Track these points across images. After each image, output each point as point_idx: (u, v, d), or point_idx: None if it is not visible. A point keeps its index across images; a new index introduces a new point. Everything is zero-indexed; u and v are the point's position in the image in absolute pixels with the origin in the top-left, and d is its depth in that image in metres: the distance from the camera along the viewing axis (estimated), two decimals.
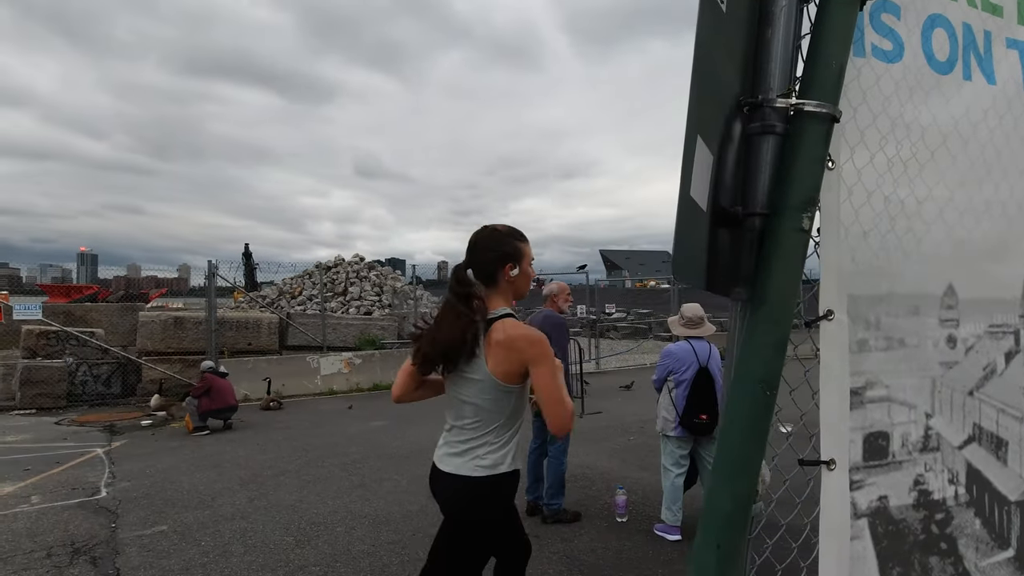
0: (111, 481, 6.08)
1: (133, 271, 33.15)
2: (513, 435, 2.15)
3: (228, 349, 12.40)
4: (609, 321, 31.39)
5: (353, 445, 7.48)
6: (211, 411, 8.42)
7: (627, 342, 24.20)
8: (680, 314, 4.35)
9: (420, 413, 9.66)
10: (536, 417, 4.82)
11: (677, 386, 4.19)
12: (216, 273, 12.05)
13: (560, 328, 4.58)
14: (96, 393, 11.29)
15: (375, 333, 14.52)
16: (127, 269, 43.89)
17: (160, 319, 12.02)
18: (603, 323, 20.00)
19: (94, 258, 70.68)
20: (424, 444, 7.40)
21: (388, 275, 24.53)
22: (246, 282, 30.43)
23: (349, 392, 12.44)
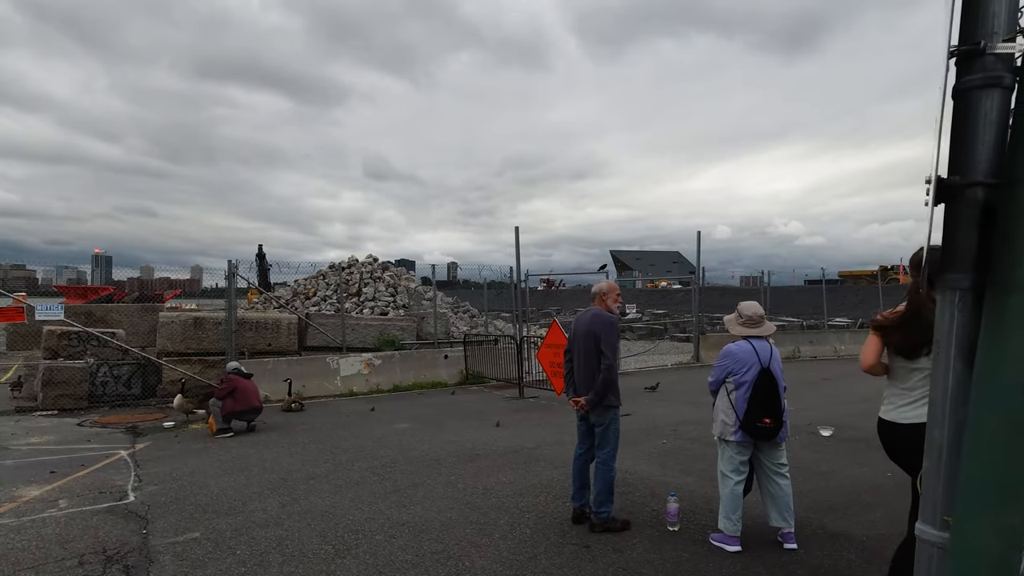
0: (138, 484, 5.93)
1: (146, 272, 33.14)
2: None
3: (248, 350, 12.29)
4: (625, 322, 31.11)
5: (381, 448, 7.30)
6: (235, 413, 8.29)
7: (643, 343, 23.93)
8: (738, 312, 4.12)
9: (443, 416, 9.49)
10: (581, 421, 4.62)
11: (737, 388, 3.97)
12: (236, 273, 11.95)
13: (611, 327, 4.37)
14: (117, 394, 11.21)
15: (394, 334, 14.37)
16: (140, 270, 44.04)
17: (180, 320, 11.93)
18: (621, 324, 19.70)
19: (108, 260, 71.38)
20: (453, 448, 7.21)
21: (402, 275, 24.39)
22: (259, 283, 30.43)
23: (369, 393, 12.29)
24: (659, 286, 63.12)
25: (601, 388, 4.30)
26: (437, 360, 13.78)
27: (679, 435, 7.78)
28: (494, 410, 10.04)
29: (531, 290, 28.34)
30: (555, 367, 10.41)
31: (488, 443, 7.46)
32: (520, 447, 7.23)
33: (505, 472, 6.11)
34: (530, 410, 10.03)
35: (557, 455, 6.77)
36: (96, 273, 54.58)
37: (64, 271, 55.73)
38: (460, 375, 13.73)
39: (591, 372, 4.39)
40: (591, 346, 4.38)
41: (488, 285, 17.09)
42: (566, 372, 4.70)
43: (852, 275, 63.79)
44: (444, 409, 10.23)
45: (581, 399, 4.41)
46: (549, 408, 10.16)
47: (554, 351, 10.41)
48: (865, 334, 12.33)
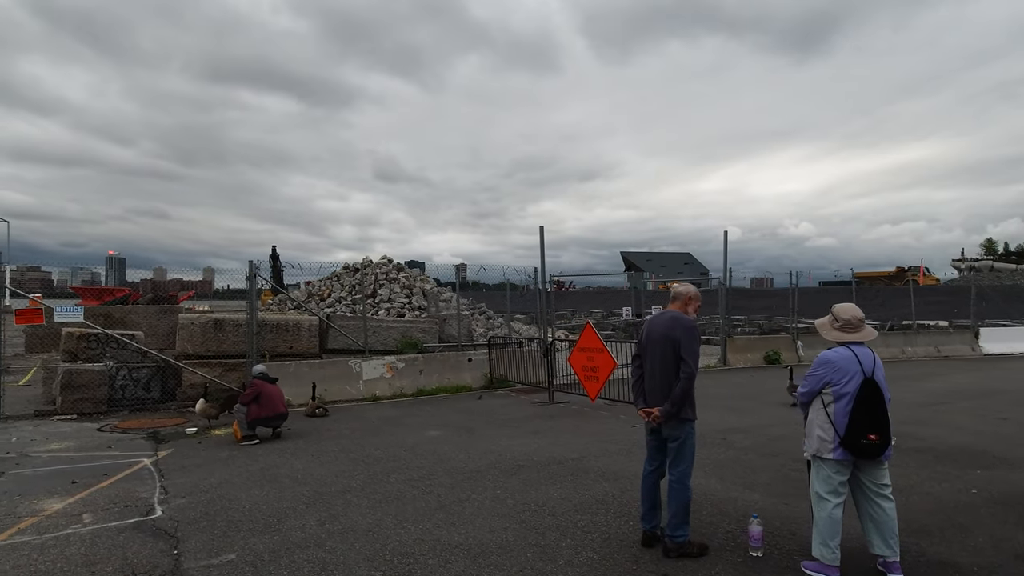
0: (164, 497, 5.59)
1: (159, 274, 33.05)
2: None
3: (268, 352, 11.98)
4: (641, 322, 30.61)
5: (416, 458, 6.92)
6: (260, 419, 7.95)
7: None
8: (833, 315, 3.70)
9: (474, 423, 9.10)
10: (652, 435, 4.21)
11: (837, 400, 3.55)
12: (258, 274, 11.64)
13: (692, 332, 3.97)
14: (136, 397, 10.93)
15: (416, 336, 14.01)
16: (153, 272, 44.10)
17: (200, 322, 11.63)
18: None
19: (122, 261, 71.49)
20: (492, 458, 6.83)
21: (417, 277, 24.05)
22: (272, 284, 30.19)
23: (392, 398, 11.94)
24: (671, 287, 62.43)
25: (679, 399, 3.90)
26: (461, 363, 13.41)
27: (730, 444, 7.35)
28: (526, 416, 9.65)
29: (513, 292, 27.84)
30: (588, 371, 10.01)
31: (528, 453, 7.07)
32: (563, 457, 6.83)
33: (554, 485, 5.71)
34: (563, 416, 9.62)
35: (605, 466, 6.37)
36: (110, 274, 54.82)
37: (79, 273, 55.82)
38: (484, 379, 13.35)
39: (666, 381, 3.99)
40: (668, 352, 3.98)
41: (500, 286, 16.43)
42: (634, 380, 4.29)
43: (868, 276, 62.90)
44: (474, 415, 9.85)
45: (654, 410, 4.01)
46: (582, 414, 9.75)
47: (587, 355, 10.01)
48: (896, 336, 11.79)
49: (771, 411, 9.81)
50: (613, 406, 10.10)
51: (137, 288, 30.50)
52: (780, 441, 7.55)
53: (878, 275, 61.64)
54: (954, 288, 34.89)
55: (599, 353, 9.75)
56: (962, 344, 19.44)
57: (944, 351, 19.05)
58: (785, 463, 6.46)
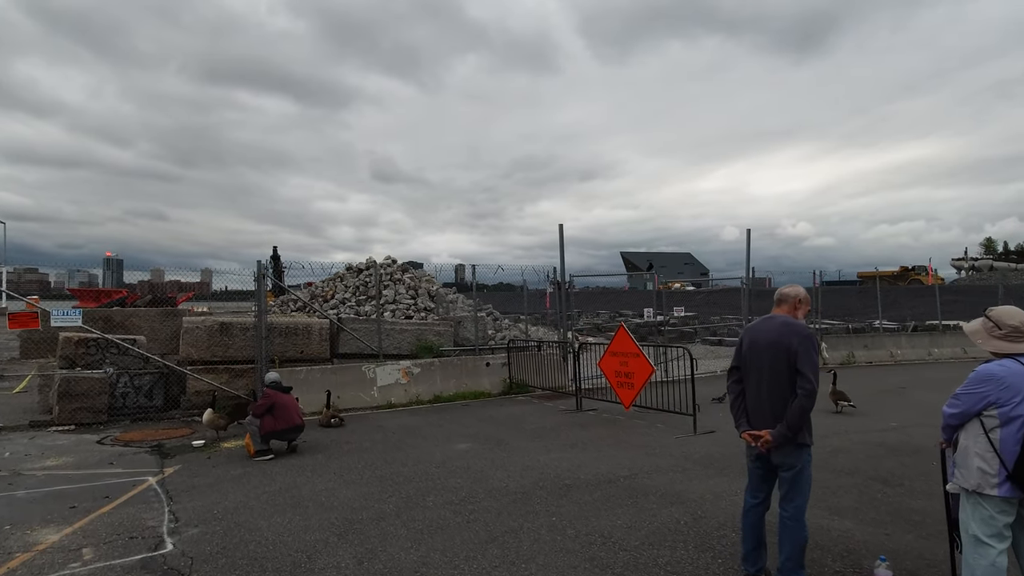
0: (175, 526, 4.95)
1: (157, 275, 32.47)
2: None
3: (278, 357, 11.34)
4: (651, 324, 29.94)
5: (449, 476, 6.29)
6: (275, 432, 7.30)
7: (673, 348, 22.78)
8: (995, 321, 3.07)
9: (503, 433, 8.43)
10: (756, 462, 3.57)
11: (1004, 425, 2.92)
12: (266, 275, 11.00)
13: (810, 341, 3.34)
14: (138, 406, 10.28)
15: (431, 339, 13.38)
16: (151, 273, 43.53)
17: (205, 325, 10.98)
18: (681, 327, 18.63)
19: (119, 263, 70.54)
20: (534, 476, 6.19)
21: (422, 278, 23.40)
22: (274, 285, 29.50)
23: (408, 405, 11.30)
24: (672, 287, 61.91)
25: (796, 420, 3.28)
26: (479, 368, 12.77)
27: None
28: (556, 426, 9.02)
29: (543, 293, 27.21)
30: (621, 377, 9.39)
31: (571, 469, 6.44)
32: (612, 475, 6.19)
33: (615, 511, 5.08)
34: (596, 425, 8.99)
35: (664, 486, 5.74)
36: (107, 276, 53.91)
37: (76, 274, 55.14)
38: (503, 384, 12.72)
39: (777, 398, 3.37)
40: (780, 364, 3.35)
41: (499, 287, 15.42)
42: (733, 397, 3.67)
43: (871, 276, 62.34)
44: (500, 424, 9.21)
45: (764, 433, 3.38)
46: (616, 423, 9.12)
47: (621, 360, 9.39)
48: (921, 337, 11.05)
49: (818, 420, 9.15)
50: (647, 414, 9.48)
51: (135, 290, 29.84)
52: (843, 455, 6.93)
53: (882, 274, 61.16)
54: (966, 287, 34.36)
55: (634, 358, 9.13)
56: None
57: (971, 352, 18.44)
58: (863, 482, 5.85)
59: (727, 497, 5.34)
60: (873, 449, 7.20)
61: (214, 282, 15.45)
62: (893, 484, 5.79)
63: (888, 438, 7.79)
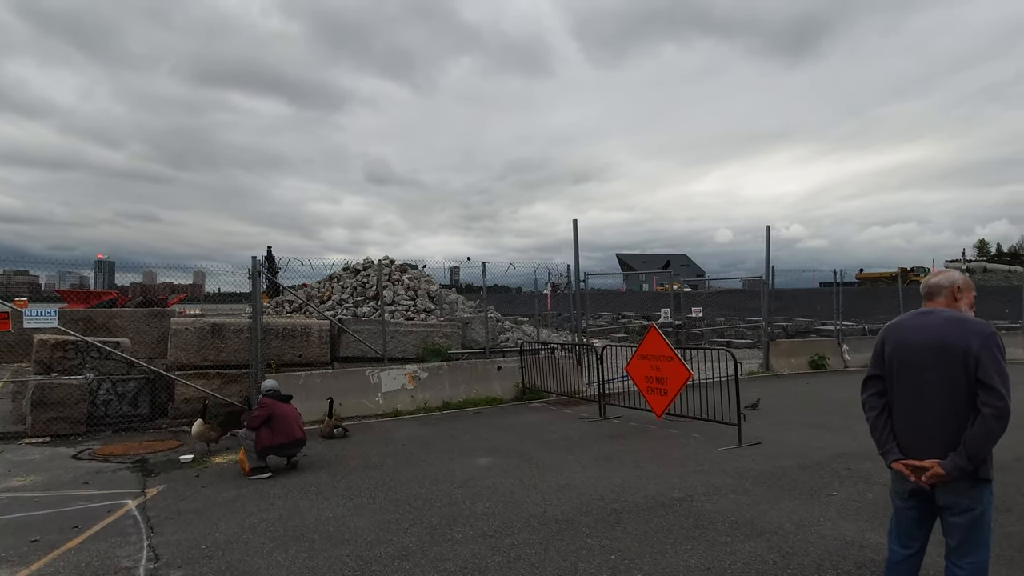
0: (154, 567, 4.11)
1: (149, 277, 31.25)
2: None
3: (275, 361, 10.49)
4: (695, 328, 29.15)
5: (475, 499, 5.46)
6: (273, 447, 6.46)
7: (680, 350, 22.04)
8: None
9: (525, 445, 7.53)
10: (910, 500, 2.76)
11: None
12: (261, 272, 10.15)
13: (993, 341, 2.55)
14: (121, 415, 9.41)
15: (438, 342, 12.54)
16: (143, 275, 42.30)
17: (195, 327, 10.12)
18: (689, 328, 17.85)
19: (111, 265, 68.96)
20: (574, 499, 5.37)
21: (421, 278, 22.61)
22: (269, 286, 28.55)
23: (416, 412, 10.47)
24: (668, 289, 61.32)
25: (980, 447, 2.47)
26: (490, 372, 11.95)
27: (866, 478, 5.92)
28: (582, 436, 8.20)
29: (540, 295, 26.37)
30: (653, 383, 8.59)
31: (615, 489, 5.62)
32: (665, 496, 5.38)
33: (682, 545, 4.26)
34: (627, 436, 8.18)
35: (729, 511, 4.93)
36: (99, 278, 52.90)
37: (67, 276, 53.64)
38: (516, 389, 11.90)
39: (946, 417, 2.57)
40: (953, 372, 2.55)
41: (494, 289, 13.99)
42: (875, 415, 2.88)
43: (871, 277, 61.84)
44: (520, 434, 8.39)
45: (930, 464, 2.57)
46: (648, 433, 8.31)
47: (652, 364, 8.59)
48: None
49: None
50: (678, 422, 8.68)
51: (126, 292, 28.82)
52: None
53: (881, 275, 60.72)
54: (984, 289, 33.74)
55: (668, 362, 8.33)
56: (1015, 347, 18.16)
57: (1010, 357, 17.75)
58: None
59: (810, 527, 4.54)
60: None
61: (207, 284, 14.53)
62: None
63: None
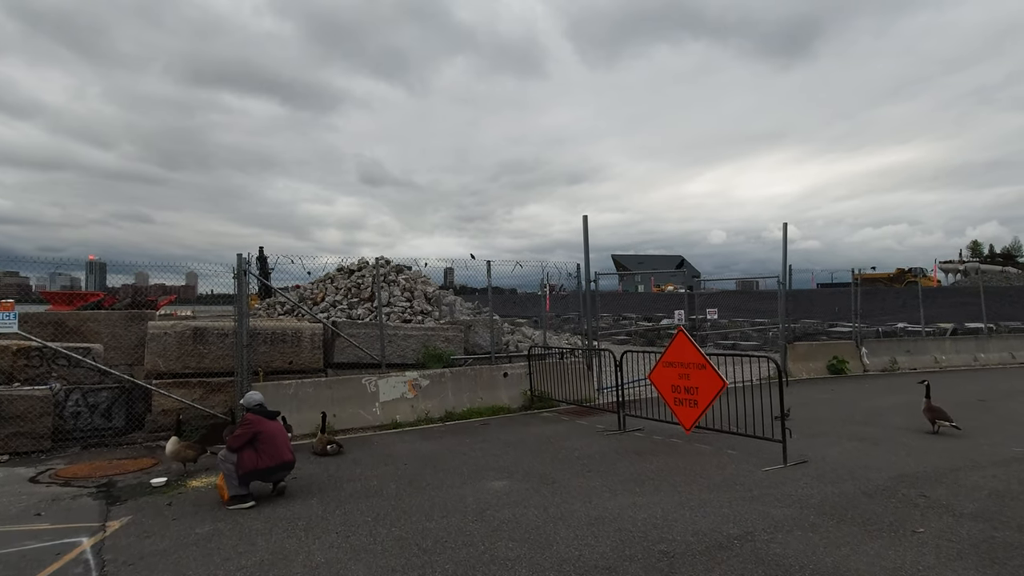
0: None
1: (141, 279, 30.25)
2: None
3: (263, 369, 9.62)
4: (661, 328, 28.33)
5: (497, 537, 4.62)
6: (257, 471, 5.59)
7: None
8: None
9: (544, 465, 6.51)
10: None
11: None
12: (248, 271, 9.27)
13: None
14: (92, 428, 8.52)
15: (439, 346, 11.69)
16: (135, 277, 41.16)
17: (175, 331, 9.24)
18: (704, 330, 17.05)
19: (102, 266, 67.49)
20: (614, 535, 4.54)
21: (418, 279, 21.75)
22: (260, 287, 27.54)
23: (417, 424, 9.62)
24: (665, 290, 60.61)
25: None
26: (496, 379, 11.11)
27: (940, 506, 5.10)
28: (604, 453, 7.38)
29: (532, 295, 25.53)
30: (681, 393, 7.77)
31: (658, 523, 4.79)
32: (720, 533, 4.55)
33: None
34: (653, 452, 7.36)
35: (803, 555, 4.10)
36: (90, 279, 51.66)
37: (58, 278, 52.45)
38: (524, 397, 11.07)
39: None
40: None
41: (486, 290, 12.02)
42: None
43: (869, 278, 61.37)
44: (535, 451, 7.55)
45: None
46: (676, 449, 7.49)
47: (680, 372, 7.77)
48: (966, 342, 9.21)
49: (918, 442, 7.64)
50: (706, 436, 7.85)
51: (116, 293, 27.80)
52: (1017, 502, 5.33)
53: (879, 277, 60.31)
54: (973, 289, 33.14)
55: (699, 370, 7.52)
56: None
57: (1020, 357, 17.08)
58: None
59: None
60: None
61: (200, 285, 13.62)
62: None
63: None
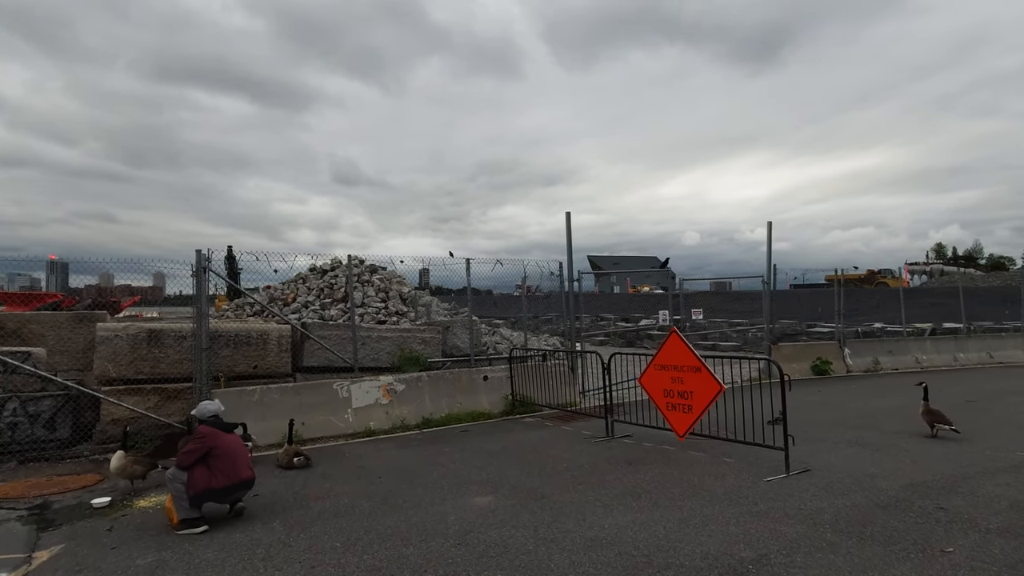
0: None
1: (105, 279, 28.84)
2: None
3: (224, 374, 8.93)
4: (640, 329, 28.07)
5: (484, 566, 4.09)
6: (211, 491, 4.97)
7: None
8: None
9: (532, 478, 5.92)
10: None
11: None
12: (208, 268, 8.59)
13: None
14: (32, 440, 7.76)
15: (416, 348, 11.10)
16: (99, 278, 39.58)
17: (128, 333, 8.50)
18: (685, 331, 16.68)
19: (64, 266, 64.91)
20: (615, 561, 4.04)
21: (393, 279, 21.08)
22: (229, 288, 26.52)
23: (392, 431, 9.05)
24: (641, 291, 60.80)
25: None
26: (475, 383, 10.58)
27: (962, 519, 4.73)
28: (594, 462, 6.90)
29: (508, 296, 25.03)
30: (674, 398, 7.33)
31: (661, 544, 4.32)
32: (733, 558, 4.09)
33: None
34: (645, 461, 6.90)
35: None
36: (52, 280, 49.56)
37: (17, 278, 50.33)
38: (505, 402, 10.55)
39: None
40: None
41: (463, 291, 11.28)
42: None
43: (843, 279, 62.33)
44: (519, 460, 7.04)
45: None
46: (669, 457, 7.05)
47: (673, 375, 7.34)
48: (946, 342, 8.92)
49: (919, 447, 7.32)
50: (699, 442, 7.39)
51: (78, 294, 26.47)
52: None
53: (851, 278, 61.28)
54: (948, 290, 33.74)
55: (694, 373, 7.09)
56: (1014, 349, 17.61)
57: (997, 357, 17.15)
58: None
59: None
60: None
61: (168, 286, 12.78)
62: None
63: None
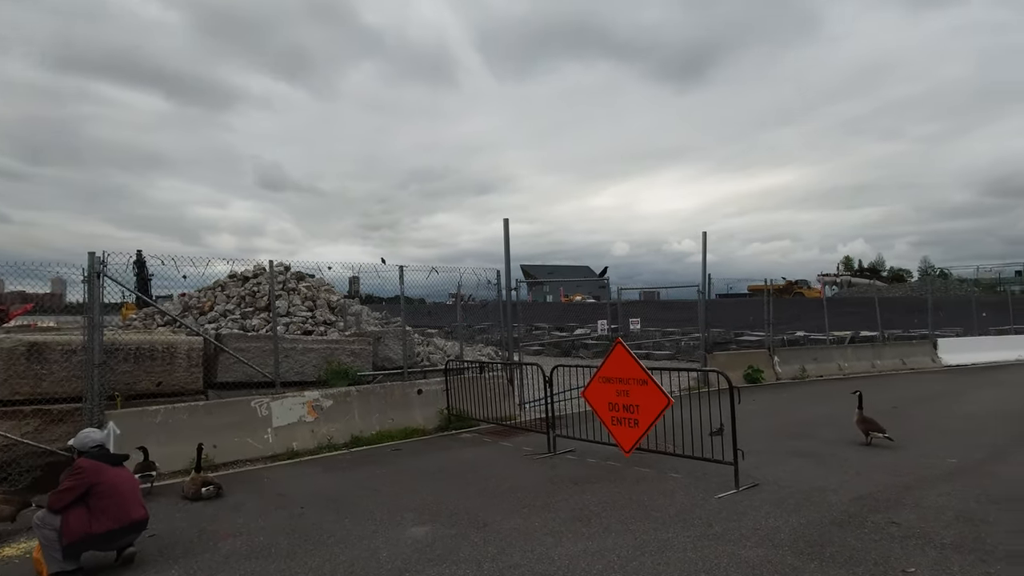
0: None
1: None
2: None
3: (122, 393, 7.93)
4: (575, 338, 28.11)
5: None
6: (91, 538, 4.17)
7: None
8: None
9: (471, 502, 5.32)
10: None
11: None
12: (103, 273, 7.59)
13: None
14: None
15: (344, 361, 10.37)
16: None
17: (4, 347, 7.39)
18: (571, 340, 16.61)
19: None
20: None
21: (321, 287, 20.05)
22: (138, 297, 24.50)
23: (318, 452, 8.32)
24: (574, 300, 61.65)
25: None
26: (409, 397, 9.96)
27: (917, 535, 4.62)
28: (539, 483, 6.48)
29: (441, 305, 24.47)
30: (618, 411, 7.04)
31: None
32: None
33: None
34: (591, 480, 6.55)
35: None
36: None
37: None
38: (440, 417, 9.99)
39: None
40: None
41: (396, 299, 10.58)
42: None
43: (760, 289, 65.56)
44: (458, 482, 6.53)
45: None
46: (616, 474, 6.74)
47: (619, 388, 7.04)
48: (864, 349, 9.35)
49: (858, 456, 7.36)
50: (645, 457, 7.07)
51: None
52: (988, 526, 4.96)
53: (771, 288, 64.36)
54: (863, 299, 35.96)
55: (641, 386, 6.81)
56: (923, 356, 18.71)
57: (909, 363, 18.16)
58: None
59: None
60: (993, 505, 5.32)
61: (68, 293, 11.42)
62: None
63: (979, 482, 6.00)
